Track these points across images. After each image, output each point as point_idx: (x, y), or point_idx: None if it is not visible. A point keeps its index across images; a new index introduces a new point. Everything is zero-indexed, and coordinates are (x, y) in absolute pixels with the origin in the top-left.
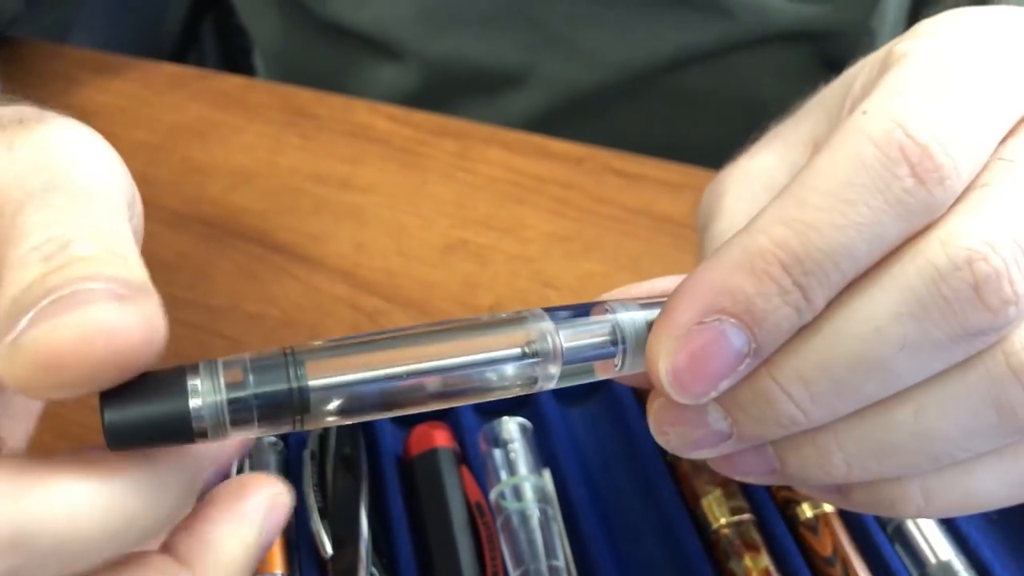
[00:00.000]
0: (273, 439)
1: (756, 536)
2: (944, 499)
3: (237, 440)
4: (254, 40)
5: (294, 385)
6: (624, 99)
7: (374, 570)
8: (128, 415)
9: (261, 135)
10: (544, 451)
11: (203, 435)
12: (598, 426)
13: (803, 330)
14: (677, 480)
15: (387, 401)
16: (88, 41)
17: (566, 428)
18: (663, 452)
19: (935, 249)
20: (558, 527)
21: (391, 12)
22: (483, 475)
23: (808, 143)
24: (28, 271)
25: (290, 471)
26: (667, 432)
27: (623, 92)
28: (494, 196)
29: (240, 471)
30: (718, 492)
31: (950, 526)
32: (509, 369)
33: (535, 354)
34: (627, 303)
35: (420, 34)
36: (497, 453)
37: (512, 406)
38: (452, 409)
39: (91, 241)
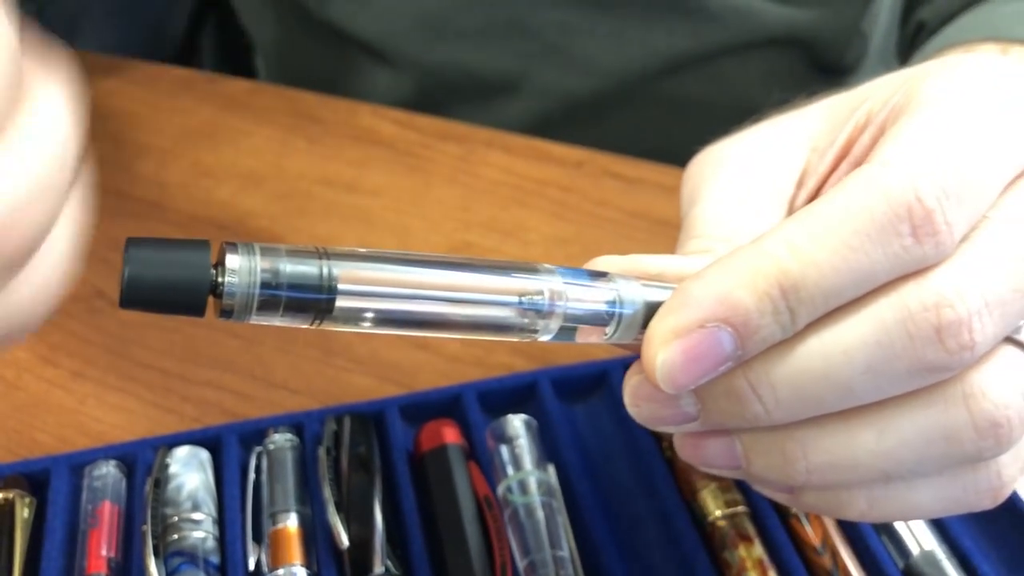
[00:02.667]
0: (290, 436)
1: (750, 527)
2: (886, 508)
3: None
4: (255, 43)
5: (325, 283)
6: (617, 106)
7: (388, 561)
8: (150, 272)
9: (268, 139)
10: (548, 447)
11: (227, 313)
12: (599, 423)
13: (781, 342)
14: (675, 474)
15: (399, 319)
16: (92, 44)
17: (569, 425)
18: (661, 448)
19: (910, 291)
20: (562, 519)
21: (388, 19)
22: (490, 470)
23: (807, 142)
24: None
25: (306, 466)
26: (639, 406)
27: (616, 99)
28: (496, 199)
29: (258, 468)
30: (714, 486)
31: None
32: (513, 314)
33: (540, 305)
34: (629, 278)
35: (417, 41)
36: (504, 449)
37: (516, 404)
38: (460, 407)
39: None
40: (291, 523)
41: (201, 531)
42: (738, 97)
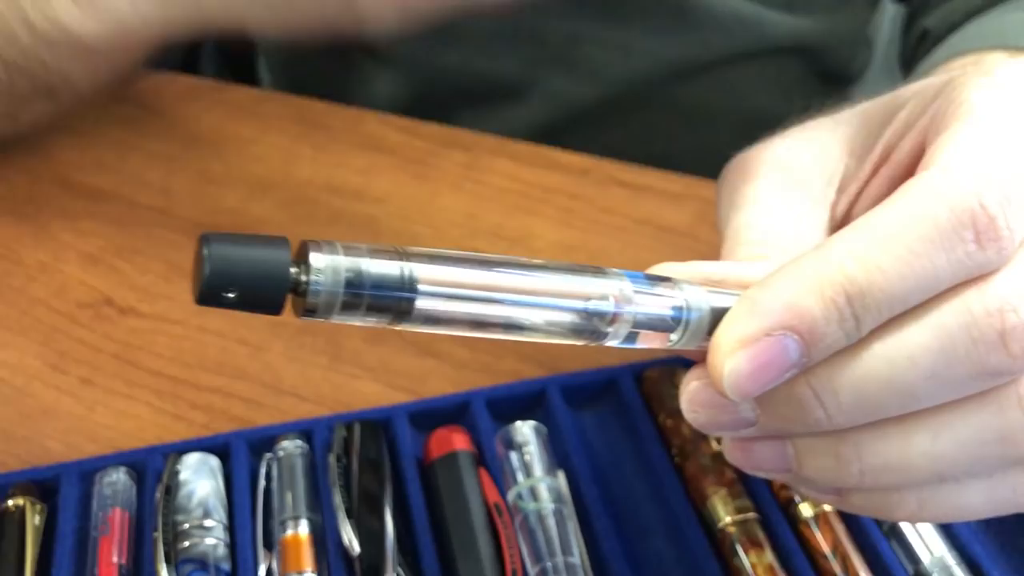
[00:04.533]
0: (300, 443)
1: (760, 534)
2: (936, 509)
3: None
4: (260, 47)
5: (407, 283)
6: (624, 113)
7: (399, 568)
8: (231, 268)
9: (275, 146)
10: (557, 453)
11: (311, 312)
12: (608, 429)
13: (845, 349)
14: (684, 481)
15: (474, 321)
16: None
17: (578, 431)
18: (670, 454)
19: (973, 297)
20: (573, 525)
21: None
22: (500, 477)
23: (846, 148)
24: None
25: (316, 473)
26: (697, 411)
27: (623, 106)
28: (503, 206)
29: (268, 475)
30: (723, 492)
31: (943, 524)
32: (581, 318)
33: (610, 310)
34: (695, 284)
35: (425, 46)
36: (513, 456)
37: (525, 411)
38: (469, 414)
39: None
40: (302, 530)
41: (212, 538)
42: (744, 105)
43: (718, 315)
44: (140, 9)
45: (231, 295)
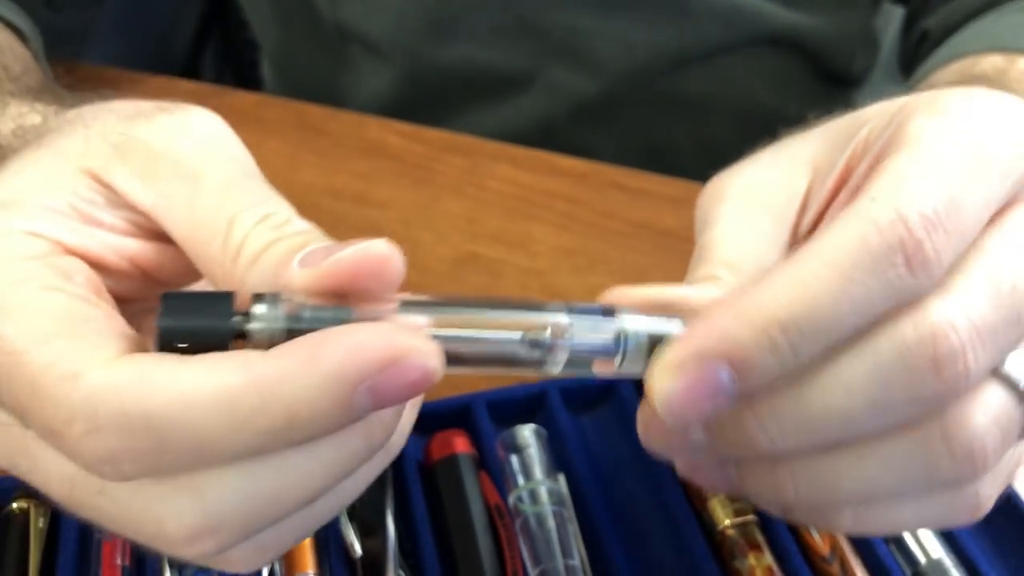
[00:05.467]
0: None
1: (759, 536)
2: (870, 524)
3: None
4: (262, 47)
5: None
6: (624, 105)
7: (401, 570)
8: (181, 321)
9: (277, 152)
10: (558, 456)
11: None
12: (608, 432)
13: (786, 377)
14: (684, 483)
15: None
16: (98, 56)
17: (578, 434)
18: None
19: (906, 324)
20: (573, 528)
21: (399, 20)
22: (501, 480)
23: (809, 166)
24: (263, 236)
25: None
26: (650, 436)
27: (624, 98)
28: (503, 211)
29: None
30: (723, 495)
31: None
32: (523, 350)
33: (547, 341)
34: (635, 312)
35: (426, 41)
36: (514, 459)
37: (526, 414)
38: (469, 417)
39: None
40: None
41: None
42: (744, 99)
43: (656, 341)
44: None
45: (183, 345)
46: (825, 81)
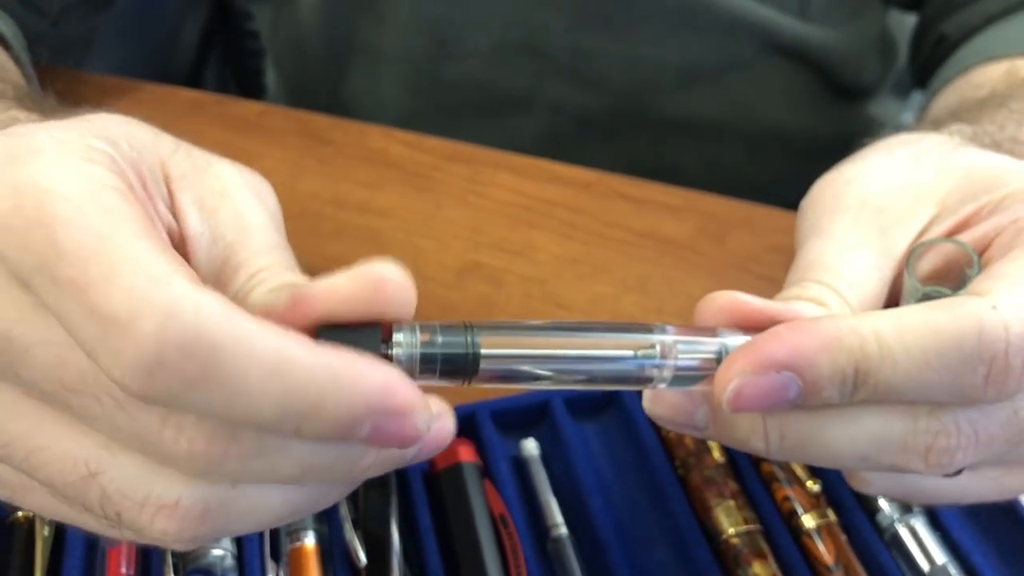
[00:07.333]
0: None
1: (763, 545)
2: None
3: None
4: (267, 55)
5: (470, 351)
6: (629, 122)
7: None
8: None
9: (280, 160)
10: (561, 465)
11: None
12: (611, 441)
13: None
14: (688, 492)
15: (534, 375)
16: (102, 66)
17: (581, 443)
18: (674, 466)
19: (923, 412)
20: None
21: (405, 35)
22: (505, 489)
23: (937, 203)
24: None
25: None
26: (657, 405)
27: (629, 116)
28: (506, 220)
29: None
30: (727, 504)
31: (943, 533)
32: (634, 368)
33: (656, 359)
34: (736, 332)
35: (432, 58)
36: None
37: (529, 423)
38: (474, 425)
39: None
40: (308, 541)
41: (220, 549)
42: (750, 114)
43: None
44: None
45: None
46: (834, 93)
